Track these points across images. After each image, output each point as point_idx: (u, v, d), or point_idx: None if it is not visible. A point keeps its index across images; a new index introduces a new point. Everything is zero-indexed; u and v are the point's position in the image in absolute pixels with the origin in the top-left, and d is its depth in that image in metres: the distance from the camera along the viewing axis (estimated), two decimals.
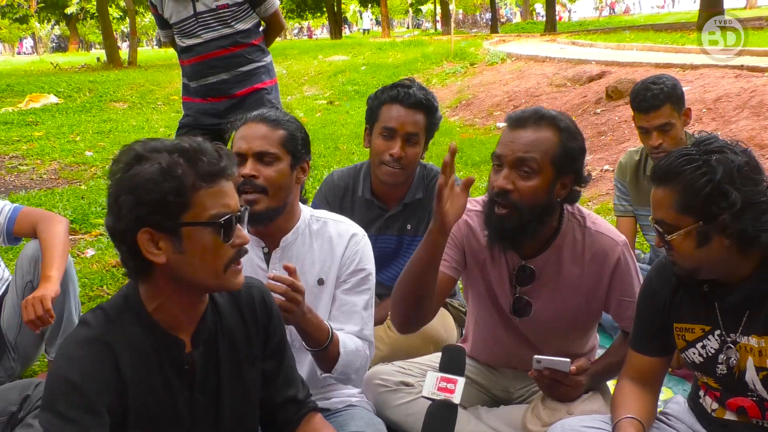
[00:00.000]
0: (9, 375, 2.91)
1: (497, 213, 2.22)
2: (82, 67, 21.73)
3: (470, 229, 2.43)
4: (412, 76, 15.61)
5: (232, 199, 1.64)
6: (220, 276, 1.65)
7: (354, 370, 2.32)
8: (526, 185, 2.19)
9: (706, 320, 1.97)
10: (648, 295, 2.10)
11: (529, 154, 2.18)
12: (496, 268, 2.43)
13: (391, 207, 3.13)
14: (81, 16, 32.76)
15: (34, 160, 8.67)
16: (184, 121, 4.37)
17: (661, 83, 3.31)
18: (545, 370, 2.20)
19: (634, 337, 2.14)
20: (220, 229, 1.60)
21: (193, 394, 1.73)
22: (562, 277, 2.37)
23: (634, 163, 3.60)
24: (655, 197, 1.88)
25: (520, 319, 2.44)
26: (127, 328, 1.66)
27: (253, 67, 4.21)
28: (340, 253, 2.36)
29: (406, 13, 60.88)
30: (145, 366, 1.66)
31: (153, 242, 1.58)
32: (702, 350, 1.98)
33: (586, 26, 30.49)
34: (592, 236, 2.35)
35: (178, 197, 1.55)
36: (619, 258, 2.34)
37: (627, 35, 18.54)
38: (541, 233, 2.31)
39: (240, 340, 1.81)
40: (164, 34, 4.35)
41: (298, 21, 52.56)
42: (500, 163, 2.22)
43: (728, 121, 7.10)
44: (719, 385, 1.99)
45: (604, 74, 10.82)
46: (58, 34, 52.28)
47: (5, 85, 14.99)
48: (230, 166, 1.63)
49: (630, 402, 2.05)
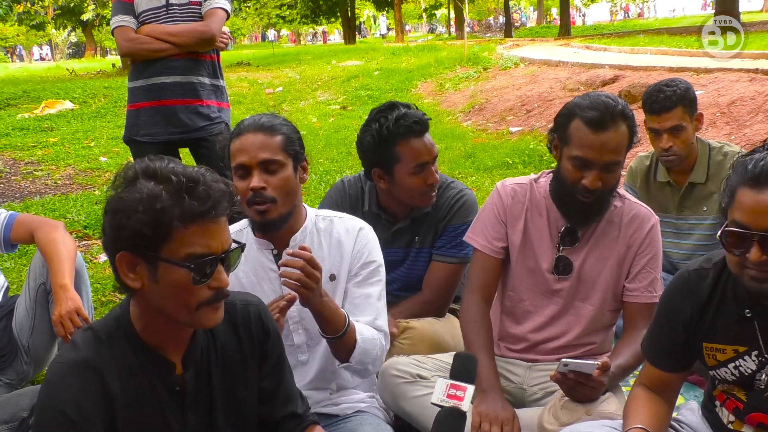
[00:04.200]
0: (22, 378, 2.94)
1: (582, 200, 2.43)
2: (97, 74, 21.86)
3: (513, 199, 2.63)
4: (426, 81, 15.66)
5: (216, 239, 1.57)
6: (192, 313, 1.60)
7: (371, 359, 2.32)
8: (610, 177, 2.41)
9: (744, 341, 1.88)
10: (669, 311, 2.01)
11: (616, 157, 2.38)
12: (538, 231, 2.60)
13: (399, 220, 3.05)
14: (97, 23, 32.94)
15: (49, 165, 8.73)
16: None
17: (674, 86, 3.30)
18: (570, 372, 2.19)
19: (652, 352, 2.09)
20: (191, 272, 1.55)
21: (186, 414, 1.72)
22: (602, 240, 2.55)
23: (645, 168, 3.58)
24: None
25: (560, 277, 2.57)
26: (117, 348, 1.64)
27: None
28: (350, 248, 2.39)
29: (421, 18, 60.93)
30: (136, 387, 1.64)
31: (131, 266, 1.56)
32: (735, 370, 1.92)
33: (600, 30, 30.42)
34: (630, 205, 2.57)
35: (153, 231, 1.51)
36: (652, 226, 2.55)
37: (641, 39, 18.48)
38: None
39: (234, 358, 1.79)
40: (121, 20, 3.92)
41: (312, 26, 52.70)
42: (587, 165, 2.37)
43: (742, 125, 7.04)
44: (747, 399, 1.93)
45: (617, 78, 10.77)
46: (75, 41, 52.66)
47: (21, 92, 15.08)
48: (219, 208, 1.56)
49: (643, 411, 2.01)
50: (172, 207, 1.50)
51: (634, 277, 2.55)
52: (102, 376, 1.59)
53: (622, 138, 2.36)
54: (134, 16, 3.94)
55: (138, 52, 3.93)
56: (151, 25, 3.88)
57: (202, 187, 1.54)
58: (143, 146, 3.97)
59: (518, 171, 7.17)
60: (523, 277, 2.63)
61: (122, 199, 1.52)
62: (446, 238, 2.97)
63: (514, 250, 2.64)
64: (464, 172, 7.58)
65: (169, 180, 1.52)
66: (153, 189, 1.51)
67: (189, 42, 3.88)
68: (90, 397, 1.56)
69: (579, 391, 2.24)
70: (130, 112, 4.06)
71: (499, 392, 2.47)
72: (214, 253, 1.57)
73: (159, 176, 1.53)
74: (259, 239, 2.39)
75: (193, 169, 1.58)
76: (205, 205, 1.53)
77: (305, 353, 2.41)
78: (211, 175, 1.58)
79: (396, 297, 3.06)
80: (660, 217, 3.51)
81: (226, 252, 1.60)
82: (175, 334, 1.69)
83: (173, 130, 3.94)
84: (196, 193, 1.52)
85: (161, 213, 1.50)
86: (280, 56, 25.84)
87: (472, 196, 3.09)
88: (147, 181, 1.52)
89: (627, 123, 2.37)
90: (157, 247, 1.53)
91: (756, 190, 1.67)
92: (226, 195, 1.58)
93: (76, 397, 1.55)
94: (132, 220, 1.50)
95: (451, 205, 3.00)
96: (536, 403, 2.57)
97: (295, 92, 16.23)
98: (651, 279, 2.53)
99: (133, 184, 1.53)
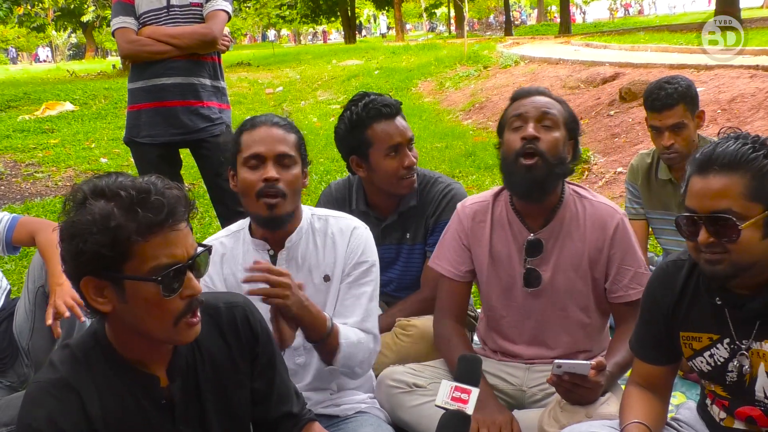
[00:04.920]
0: (22, 381, 2.93)
1: (525, 163, 2.39)
2: (97, 75, 21.87)
3: (473, 220, 2.63)
4: (426, 80, 15.65)
5: (179, 247, 1.51)
6: (170, 330, 1.55)
7: (357, 362, 2.31)
8: (548, 135, 2.41)
9: (715, 329, 1.92)
10: (650, 302, 2.05)
11: (550, 109, 2.44)
12: (504, 246, 2.58)
13: (387, 217, 3.08)
14: (97, 24, 32.89)
15: (50, 167, 8.74)
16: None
17: (675, 83, 3.29)
18: (564, 374, 2.18)
19: (639, 346, 2.11)
20: (159, 285, 1.49)
21: (176, 426, 1.67)
22: (567, 247, 2.52)
23: (646, 165, 3.57)
24: (715, 186, 1.74)
25: (531, 290, 2.54)
26: (96, 367, 1.58)
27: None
28: (344, 248, 2.38)
29: (421, 17, 60.91)
30: (119, 405, 1.59)
31: (98, 290, 1.51)
32: (710, 359, 1.95)
33: (600, 27, 30.38)
34: (593, 206, 2.54)
35: (112, 250, 1.45)
36: (618, 224, 2.50)
37: (641, 36, 18.44)
38: (549, 197, 2.49)
39: (223, 363, 1.75)
40: (122, 22, 3.91)
41: (312, 26, 52.69)
42: (523, 122, 2.43)
43: (743, 121, 7.03)
44: (728, 393, 1.96)
45: (617, 76, 10.75)
46: (75, 42, 52.68)
47: (22, 93, 15.09)
48: (176, 215, 1.50)
49: (637, 407, 2.02)
50: (126, 222, 1.45)
51: (613, 278, 2.52)
52: (81, 395, 1.54)
53: (551, 102, 2.49)
54: (135, 17, 3.92)
55: (139, 54, 3.92)
56: (152, 27, 3.87)
57: (154, 196, 1.48)
58: (144, 147, 3.97)
59: None
60: (498, 295, 2.63)
61: (75, 224, 1.47)
62: (438, 234, 2.97)
63: (483, 271, 2.63)
64: (465, 171, 7.58)
65: (118, 196, 1.47)
66: (104, 207, 1.46)
67: (190, 44, 3.87)
68: (69, 418, 1.52)
69: (576, 394, 2.22)
70: (131, 114, 4.05)
71: (493, 397, 2.47)
72: (180, 261, 1.51)
73: (108, 193, 1.48)
74: (256, 240, 2.38)
75: (142, 180, 1.52)
76: (160, 214, 1.47)
77: (302, 356, 2.40)
78: (162, 182, 1.53)
79: (393, 298, 3.08)
80: (662, 215, 3.53)
81: (193, 258, 1.54)
82: (155, 348, 1.64)
83: (174, 131, 3.92)
84: (149, 204, 1.47)
85: (117, 230, 1.44)
86: (280, 56, 25.86)
87: (460, 189, 3.11)
88: (96, 201, 1.47)
89: (559, 101, 2.54)
90: (120, 266, 1.48)
91: (700, 176, 1.77)
92: (181, 200, 1.52)
93: (53, 418, 1.50)
94: (89, 243, 1.45)
95: (439, 201, 3.02)
96: (536, 404, 2.56)
97: (296, 92, 16.24)
98: (631, 275, 2.50)
99: (83, 206, 1.47)
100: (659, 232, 3.60)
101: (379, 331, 2.44)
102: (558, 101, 2.53)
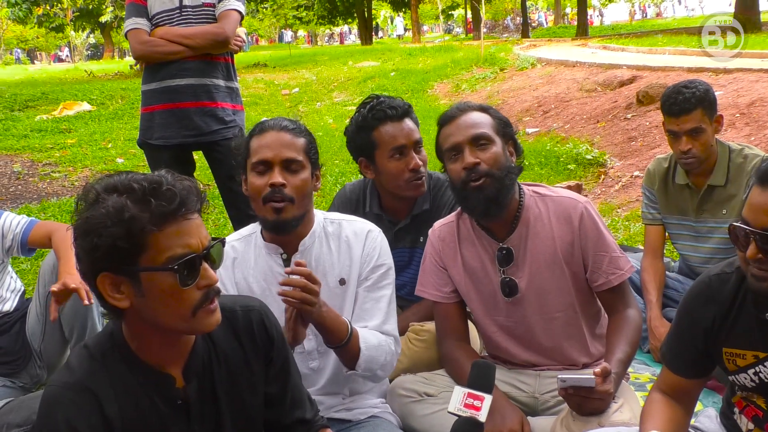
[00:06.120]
0: (35, 382, 2.96)
1: (474, 185, 2.39)
2: (115, 75, 21.99)
3: (443, 241, 2.63)
4: (442, 82, 15.62)
5: (194, 237, 1.54)
6: (189, 320, 1.56)
7: (379, 365, 2.31)
8: (488, 154, 2.41)
9: (762, 346, 1.86)
10: (690, 318, 1.98)
11: (479, 129, 2.43)
12: (477, 261, 2.57)
13: (400, 220, 3.08)
14: (115, 24, 33.12)
15: (67, 167, 8.78)
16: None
17: (693, 87, 3.24)
18: (570, 389, 2.15)
19: (671, 357, 2.06)
20: (176, 273, 1.51)
21: (191, 427, 1.69)
22: (538, 249, 2.50)
23: (663, 170, 3.53)
24: None
25: (510, 299, 2.53)
26: (113, 368, 1.60)
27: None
28: (359, 252, 2.39)
29: (437, 18, 60.90)
30: (135, 406, 1.61)
31: (114, 286, 1.52)
32: (755, 376, 1.89)
33: (618, 30, 30.22)
34: (554, 202, 2.52)
35: (128, 242, 1.47)
36: (582, 213, 2.48)
37: (659, 39, 18.34)
38: (509, 207, 2.47)
39: (238, 366, 1.76)
40: (135, 23, 3.94)
41: (329, 27, 52.75)
42: (459, 152, 2.43)
43: (762, 126, 6.95)
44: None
45: (635, 79, 10.67)
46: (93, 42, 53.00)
47: (40, 93, 15.18)
48: (188, 204, 1.53)
49: (659, 416, 1.98)
50: (140, 213, 1.47)
51: (591, 267, 2.50)
52: (98, 397, 1.56)
53: (476, 118, 2.47)
54: (148, 18, 3.93)
55: (152, 55, 3.93)
56: (165, 28, 3.88)
57: (165, 187, 1.51)
58: (157, 150, 3.98)
59: (534, 172, 7.12)
60: (483, 309, 2.62)
61: (89, 219, 1.48)
62: None
63: (463, 289, 2.63)
64: None
65: (131, 188, 1.49)
66: (117, 201, 1.48)
67: (203, 44, 3.87)
68: (86, 420, 1.54)
69: (587, 406, 2.19)
70: (144, 115, 4.06)
71: (505, 399, 2.45)
72: (194, 251, 1.53)
73: (120, 188, 1.50)
74: (269, 244, 2.38)
75: (153, 174, 1.55)
76: (173, 203, 1.50)
77: (316, 360, 2.40)
78: (173, 175, 1.56)
79: (406, 301, 3.07)
80: (678, 220, 3.49)
81: (207, 248, 1.56)
82: (173, 348, 1.65)
83: (187, 132, 3.93)
84: (161, 194, 1.49)
85: (131, 222, 1.46)
86: (296, 57, 25.86)
87: None
88: (109, 196, 1.49)
89: (483, 109, 2.53)
90: (136, 259, 1.49)
91: (762, 188, 1.67)
92: (192, 190, 1.55)
93: (71, 420, 1.52)
94: (104, 238, 1.46)
95: (453, 204, 2.99)
96: (549, 411, 2.54)
97: (312, 93, 16.24)
98: (608, 260, 2.48)
99: (95, 203, 1.49)
100: (676, 237, 3.55)
101: (397, 327, 2.43)
102: (482, 110, 2.52)
